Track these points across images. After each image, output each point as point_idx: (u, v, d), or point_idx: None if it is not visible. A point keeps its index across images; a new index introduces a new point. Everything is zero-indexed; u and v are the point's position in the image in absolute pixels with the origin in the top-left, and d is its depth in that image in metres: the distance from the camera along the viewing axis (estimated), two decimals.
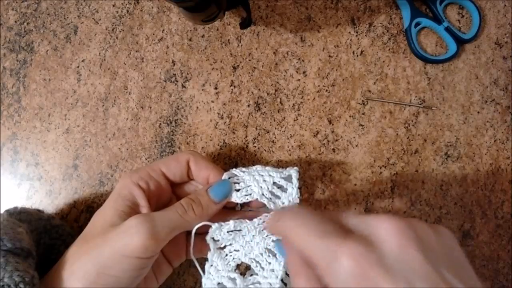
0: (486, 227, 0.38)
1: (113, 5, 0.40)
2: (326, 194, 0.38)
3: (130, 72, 0.39)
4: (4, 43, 0.39)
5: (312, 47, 0.39)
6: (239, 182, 0.33)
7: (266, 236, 0.32)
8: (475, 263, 0.37)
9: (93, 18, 0.40)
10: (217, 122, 0.38)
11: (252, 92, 0.39)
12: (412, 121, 0.39)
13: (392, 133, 0.38)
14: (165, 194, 0.33)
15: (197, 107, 0.39)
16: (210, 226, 0.31)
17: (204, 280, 0.32)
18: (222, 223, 0.32)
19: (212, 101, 0.39)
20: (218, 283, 0.32)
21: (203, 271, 0.32)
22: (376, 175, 0.38)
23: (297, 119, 0.38)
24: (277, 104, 0.39)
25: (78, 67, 0.39)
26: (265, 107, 0.39)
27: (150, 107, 0.39)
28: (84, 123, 0.39)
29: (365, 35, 0.39)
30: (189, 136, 0.38)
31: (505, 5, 0.40)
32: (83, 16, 0.40)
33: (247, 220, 0.32)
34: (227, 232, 0.32)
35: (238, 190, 0.33)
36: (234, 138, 0.38)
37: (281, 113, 0.38)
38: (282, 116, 0.38)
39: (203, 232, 0.32)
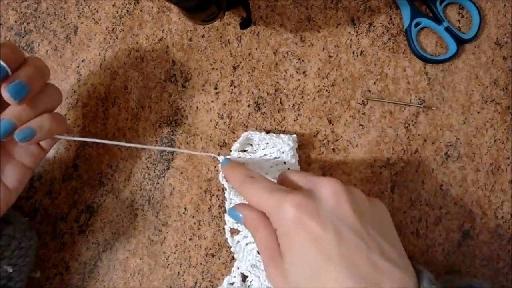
0: (486, 227, 0.38)
1: (113, 5, 0.40)
2: None
3: (130, 72, 0.39)
4: None
5: (312, 47, 0.39)
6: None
7: (271, 167, 0.36)
8: (475, 263, 0.37)
9: (93, 18, 0.40)
10: (217, 122, 0.38)
11: (252, 92, 0.39)
12: (412, 121, 0.39)
13: (392, 133, 0.38)
14: None
15: (197, 107, 0.39)
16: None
17: (226, 217, 0.36)
18: (228, 156, 0.35)
19: (212, 101, 0.39)
20: None
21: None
22: (376, 175, 0.38)
23: (297, 119, 0.38)
24: (277, 104, 0.39)
25: (78, 67, 0.39)
26: (265, 107, 0.39)
27: (150, 107, 0.39)
28: (84, 123, 0.39)
29: (365, 35, 0.39)
30: (189, 136, 0.38)
31: (505, 5, 0.40)
32: (83, 16, 0.40)
33: (250, 153, 0.36)
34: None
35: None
36: (234, 138, 0.38)
37: (281, 113, 0.38)
38: (282, 116, 0.38)
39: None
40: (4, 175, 0.31)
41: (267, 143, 0.37)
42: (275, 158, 0.37)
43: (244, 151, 0.37)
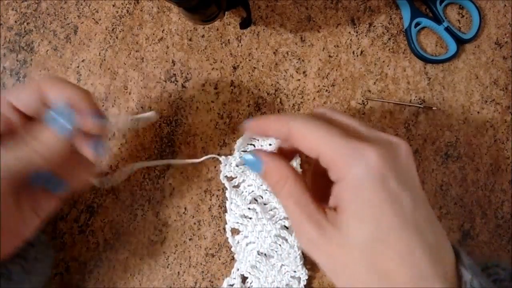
0: (486, 227, 0.38)
1: (113, 5, 0.40)
2: None
3: (130, 72, 0.39)
4: (4, 43, 0.39)
5: (312, 47, 0.39)
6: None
7: None
8: (475, 263, 0.37)
9: (93, 18, 0.40)
10: (217, 122, 0.38)
11: (252, 92, 0.39)
12: (412, 121, 0.39)
13: (392, 133, 0.38)
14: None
15: (197, 107, 0.39)
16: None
17: (227, 217, 0.36)
18: (229, 156, 0.37)
19: (212, 101, 0.39)
20: (241, 215, 0.36)
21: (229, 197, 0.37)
22: None
23: None
24: (277, 104, 0.39)
25: (78, 67, 0.39)
26: (265, 107, 0.39)
27: (150, 107, 0.39)
28: None
29: (365, 35, 0.39)
30: (189, 136, 0.38)
31: (505, 5, 0.40)
32: (83, 16, 0.40)
33: (250, 152, 0.36)
34: (236, 166, 0.37)
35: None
36: (234, 138, 0.38)
37: (281, 113, 0.38)
38: None
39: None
40: (40, 206, 0.31)
41: (270, 144, 0.37)
42: None
43: (246, 151, 0.37)
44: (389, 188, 0.24)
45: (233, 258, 0.37)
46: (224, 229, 0.37)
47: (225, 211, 0.37)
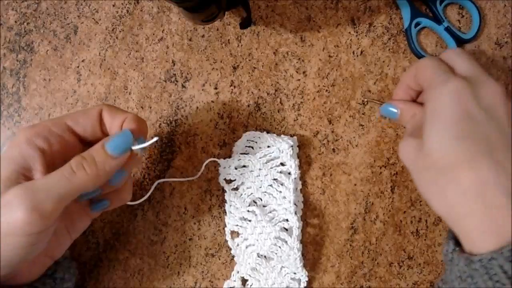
0: None
1: (113, 5, 0.40)
2: (326, 194, 0.38)
3: (130, 72, 0.39)
4: (4, 43, 0.39)
5: (312, 47, 0.39)
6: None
7: (271, 168, 0.36)
8: None
9: (93, 18, 0.40)
10: (217, 122, 0.38)
11: (252, 92, 0.39)
12: None
13: (392, 133, 0.38)
14: (75, 154, 0.28)
15: (197, 107, 0.39)
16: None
17: (226, 220, 0.36)
18: (228, 159, 0.37)
19: (212, 101, 0.39)
20: (240, 218, 0.36)
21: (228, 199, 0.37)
22: (376, 175, 0.38)
23: (297, 119, 0.38)
24: (277, 104, 0.39)
25: (78, 67, 0.39)
26: (265, 107, 0.39)
27: (150, 107, 0.39)
28: None
29: (365, 35, 0.39)
30: (189, 136, 0.38)
31: (505, 5, 0.40)
32: (83, 16, 0.40)
33: (250, 155, 0.37)
34: (235, 168, 0.37)
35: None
36: (234, 138, 0.38)
37: (281, 113, 0.38)
38: (282, 116, 0.38)
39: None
40: (74, 227, 0.31)
41: (268, 146, 0.37)
42: (275, 158, 0.37)
43: (245, 154, 0.37)
44: (466, 109, 0.27)
45: (233, 258, 0.37)
46: (224, 229, 0.37)
47: (225, 212, 0.37)
